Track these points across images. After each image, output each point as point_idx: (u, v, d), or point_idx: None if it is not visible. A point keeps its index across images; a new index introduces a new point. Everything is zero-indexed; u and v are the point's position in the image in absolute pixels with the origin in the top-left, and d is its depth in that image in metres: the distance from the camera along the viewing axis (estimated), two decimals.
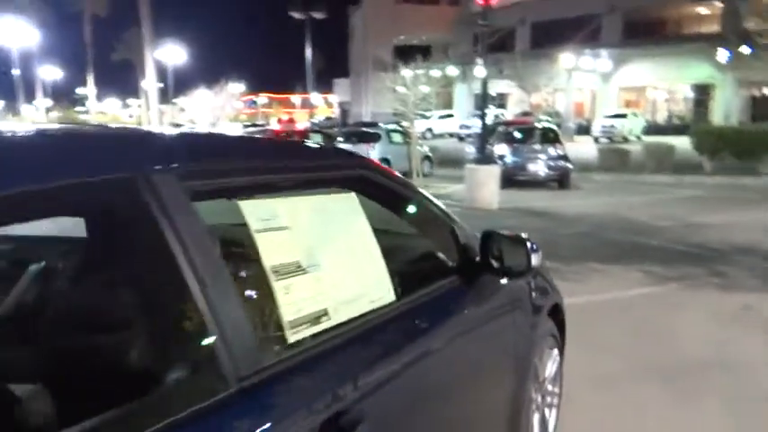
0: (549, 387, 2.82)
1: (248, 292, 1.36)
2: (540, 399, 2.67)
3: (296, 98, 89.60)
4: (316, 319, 1.35)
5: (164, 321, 1.16)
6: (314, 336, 1.34)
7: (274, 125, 48.06)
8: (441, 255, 2.12)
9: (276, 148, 1.93)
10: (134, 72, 44.85)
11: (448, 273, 2.03)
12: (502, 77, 35.48)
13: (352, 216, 1.65)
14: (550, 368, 2.81)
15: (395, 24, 49.66)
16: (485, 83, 13.21)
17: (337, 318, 1.41)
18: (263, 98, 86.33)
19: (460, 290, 2.04)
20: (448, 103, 41.91)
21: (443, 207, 2.18)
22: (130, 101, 69.76)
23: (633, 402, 3.43)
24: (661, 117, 39.22)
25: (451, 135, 36.73)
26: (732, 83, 34.04)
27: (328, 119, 59.92)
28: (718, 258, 7.03)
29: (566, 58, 34.40)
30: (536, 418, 2.64)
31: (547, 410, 2.81)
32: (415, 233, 2.20)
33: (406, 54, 47.10)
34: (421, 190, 2.11)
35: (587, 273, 6.33)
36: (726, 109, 34.61)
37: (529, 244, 2.02)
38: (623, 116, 34.37)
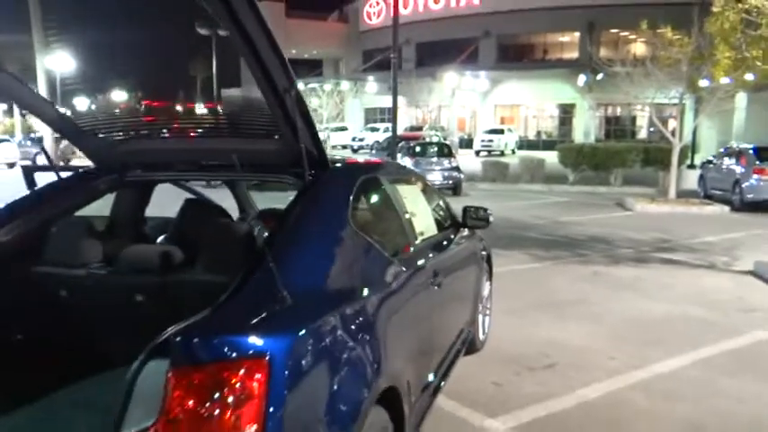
0: (487, 303, 4.95)
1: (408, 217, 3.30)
2: (481, 308, 4.77)
3: (179, 107, 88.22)
4: (420, 233, 3.34)
5: (395, 229, 3.08)
6: (422, 240, 3.32)
7: None
8: (447, 218, 4.18)
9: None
10: None
11: (450, 226, 4.09)
12: (391, 93, 38.09)
13: (419, 195, 3.67)
14: (486, 291, 4.93)
15: (287, 38, 50.97)
16: (395, 99, 15.33)
17: (425, 234, 3.42)
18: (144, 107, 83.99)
19: (456, 232, 4.10)
20: (339, 117, 43.97)
21: (443, 196, 4.25)
22: None
23: (529, 320, 5.64)
24: (532, 133, 43.47)
25: (344, 147, 38.89)
26: (589, 104, 38.68)
27: None
28: (578, 245, 9.61)
29: (449, 77, 37.53)
30: (480, 318, 4.74)
31: (486, 318, 4.94)
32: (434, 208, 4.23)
33: (299, 67, 48.49)
34: (431, 188, 4.16)
35: None
36: (585, 126, 39.29)
37: (488, 211, 4.13)
38: (500, 132, 37.95)
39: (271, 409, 1.61)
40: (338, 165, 2.84)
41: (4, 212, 2.70)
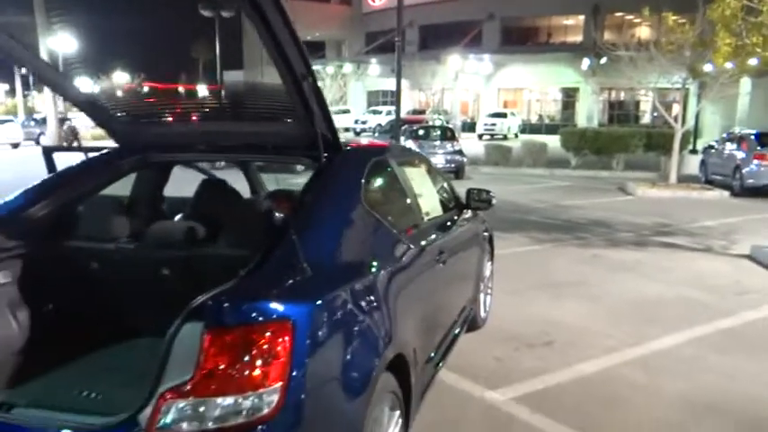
0: (488, 283, 5.11)
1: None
2: (483, 287, 4.94)
3: (181, 89, 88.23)
4: (427, 212, 3.49)
5: (403, 209, 3.26)
6: (428, 219, 3.47)
7: None
8: (451, 200, 4.33)
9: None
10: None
11: (454, 207, 4.24)
12: (394, 76, 38.04)
13: (425, 177, 3.82)
14: (488, 271, 5.09)
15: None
16: (398, 82, 15.41)
17: (431, 214, 3.57)
18: (145, 88, 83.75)
19: (459, 213, 4.25)
20: (342, 100, 43.95)
21: (447, 179, 4.41)
22: None
23: (529, 300, 5.81)
24: (534, 117, 43.44)
25: (347, 130, 38.92)
26: (593, 88, 38.63)
27: None
28: (578, 228, 9.76)
29: (453, 60, 37.44)
30: (482, 297, 4.91)
31: (487, 297, 5.10)
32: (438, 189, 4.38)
33: None
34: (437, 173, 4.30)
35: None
36: (589, 111, 39.24)
37: (491, 193, 4.27)
38: (503, 115, 37.94)
39: (294, 368, 1.78)
40: (350, 148, 2.99)
41: (37, 190, 2.86)
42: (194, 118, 3.06)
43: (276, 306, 1.83)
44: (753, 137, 14.51)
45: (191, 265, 2.69)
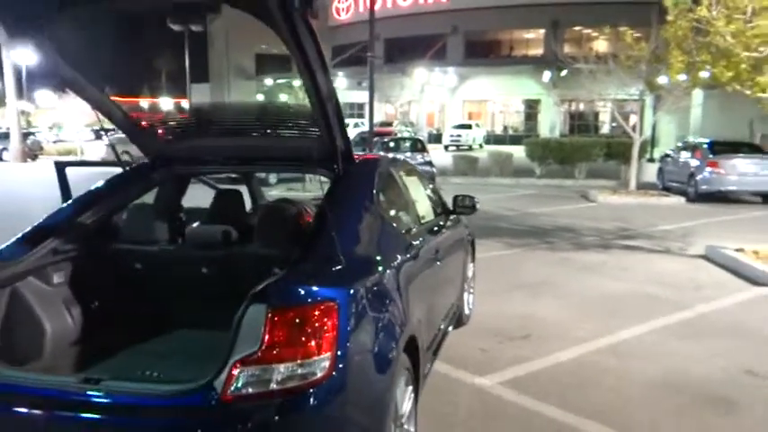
0: (471, 283, 5.57)
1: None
2: (466, 286, 5.39)
3: (144, 102, 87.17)
4: (422, 216, 3.93)
5: (406, 212, 3.69)
6: (423, 222, 3.91)
7: None
8: (440, 205, 4.78)
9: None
10: None
11: (442, 212, 4.68)
12: (361, 89, 38.57)
13: (419, 185, 4.27)
14: (471, 272, 5.55)
15: (255, 34, 50.87)
16: (371, 95, 15.86)
17: (426, 218, 4.01)
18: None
19: (447, 218, 4.70)
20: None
21: (436, 187, 4.86)
22: None
23: (506, 299, 6.30)
24: (498, 128, 44.42)
25: None
26: (554, 99, 39.76)
27: None
28: (546, 233, 10.34)
29: (419, 72, 38.16)
30: (466, 295, 5.36)
31: (470, 296, 5.56)
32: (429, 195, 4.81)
33: (268, 62, 48.48)
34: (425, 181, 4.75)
35: None
36: (551, 121, 40.37)
37: (475, 199, 4.73)
38: (468, 127, 38.71)
39: (339, 341, 2.19)
40: (360, 160, 3.41)
41: (85, 199, 3.21)
42: (224, 134, 3.44)
43: (325, 290, 2.24)
44: (706, 146, 15.39)
45: (228, 263, 3.07)
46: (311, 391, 2.13)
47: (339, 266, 2.44)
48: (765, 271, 7.02)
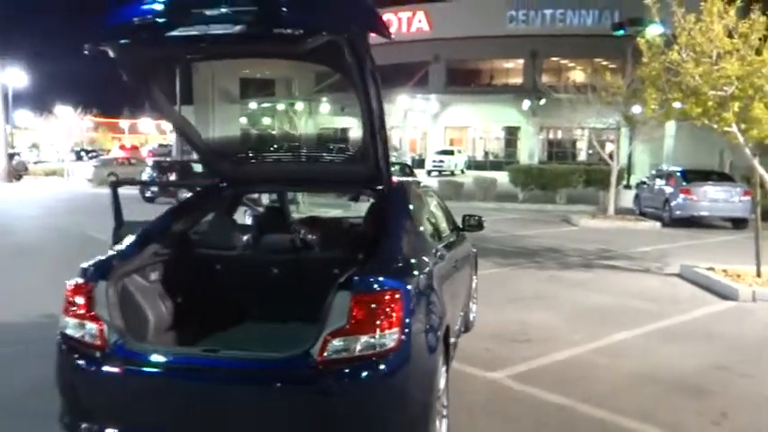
0: (474, 293, 6.23)
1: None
2: (472, 295, 6.04)
3: (124, 123, 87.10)
4: (443, 230, 4.60)
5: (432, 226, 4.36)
6: (441, 237, 4.56)
7: (116, 152, 47.43)
8: (452, 222, 5.44)
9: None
10: None
11: (454, 229, 5.34)
12: (343, 114, 39.37)
13: (438, 205, 4.94)
14: (474, 283, 6.21)
15: (238, 60, 51.37)
16: None
17: (444, 232, 4.68)
18: (87, 122, 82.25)
19: (458, 235, 5.35)
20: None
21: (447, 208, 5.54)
22: None
23: (504, 310, 6.96)
24: (479, 154, 45.48)
25: None
26: (533, 127, 41.03)
27: (162, 146, 59.31)
28: (533, 254, 11.07)
29: (402, 99, 39.14)
30: (471, 304, 6.01)
31: (474, 305, 6.21)
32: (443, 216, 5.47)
33: (251, 87, 49.05)
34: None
35: None
36: (530, 148, 41.54)
37: (482, 218, 5.41)
38: (451, 153, 39.68)
39: (404, 321, 2.83)
40: (397, 182, 4.08)
41: (175, 213, 3.82)
42: (283, 160, 4.08)
43: (391, 281, 2.89)
44: (679, 174, 16.35)
45: (297, 265, 3.71)
46: (384, 358, 2.76)
47: (399, 264, 3.10)
48: (733, 287, 7.78)
